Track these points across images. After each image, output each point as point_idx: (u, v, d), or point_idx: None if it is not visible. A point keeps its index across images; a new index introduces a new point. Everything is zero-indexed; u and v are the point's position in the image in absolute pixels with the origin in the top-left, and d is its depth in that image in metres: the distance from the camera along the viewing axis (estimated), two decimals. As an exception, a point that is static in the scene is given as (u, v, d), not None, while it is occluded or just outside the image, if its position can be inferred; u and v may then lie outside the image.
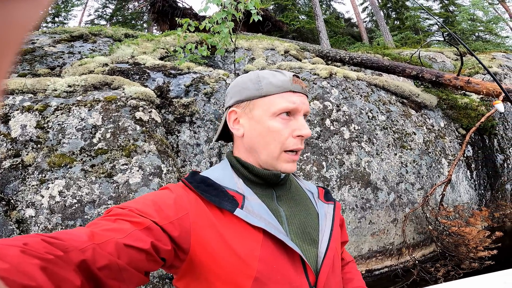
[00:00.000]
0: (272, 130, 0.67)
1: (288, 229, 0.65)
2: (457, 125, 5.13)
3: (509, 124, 6.05)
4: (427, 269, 3.10)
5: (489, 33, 16.79)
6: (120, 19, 17.72)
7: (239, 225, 0.60)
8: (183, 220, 0.57)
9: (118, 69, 3.49)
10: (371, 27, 20.10)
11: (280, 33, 11.87)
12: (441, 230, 3.59)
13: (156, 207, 0.57)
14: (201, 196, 0.63)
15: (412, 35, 16.08)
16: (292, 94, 0.68)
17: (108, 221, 0.52)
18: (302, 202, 0.75)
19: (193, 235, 0.57)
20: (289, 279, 0.58)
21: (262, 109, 0.69)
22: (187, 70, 3.53)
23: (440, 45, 12.50)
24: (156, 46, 4.55)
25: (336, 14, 20.40)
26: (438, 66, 7.34)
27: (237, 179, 0.69)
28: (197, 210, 0.60)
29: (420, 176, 3.99)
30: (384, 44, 11.79)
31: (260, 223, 0.59)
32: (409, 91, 4.20)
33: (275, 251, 0.59)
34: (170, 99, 3.14)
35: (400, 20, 18.67)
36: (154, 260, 0.52)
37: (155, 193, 0.63)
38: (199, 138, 3.02)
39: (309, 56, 5.31)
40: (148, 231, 0.52)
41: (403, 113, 4.18)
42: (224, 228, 0.59)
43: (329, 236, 0.69)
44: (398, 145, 3.93)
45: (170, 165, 2.57)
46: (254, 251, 0.57)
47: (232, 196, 0.63)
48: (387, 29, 14.21)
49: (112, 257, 0.45)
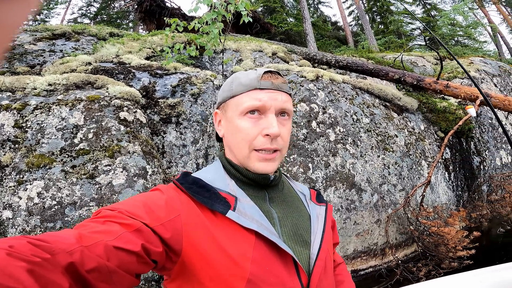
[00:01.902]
0: (240, 130, 0.67)
1: (280, 231, 0.64)
2: (436, 128, 5.25)
3: (485, 128, 6.25)
4: (409, 269, 3.13)
5: (468, 38, 17.26)
6: (105, 18, 17.25)
7: (231, 227, 0.59)
8: (174, 222, 0.56)
9: (102, 68, 3.37)
10: (357, 30, 20.42)
11: (268, 35, 11.87)
12: (421, 230, 3.64)
13: (146, 209, 0.55)
14: (193, 198, 0.61)
15: (395, 39, 16.35)
16: (259, 92, 0.67)
17: (97, 223, 0.50)
18: (294, 203, 0.74)
19: (185, 237, 0.56)
20: (282, 281, 0.57)
21: (232, 109, 0.69)
22: (174, 70, 3.45)
23: (421, 49, 12.82)
24: (142, 45, 4.43)
25: (323, 17, 20.60)
26: (419, 70, 7.51)
27: (229, 180, 0.68)
28: (189, 212, 0.59)
29: (401, 178, 4.05)
30: (368, 48, 11.96)
31: (252, 225, 0.58)
32: (391, 94, 4.26)
33: (267, 253, 0.58)
34: (156, 99, 3.05)
35: (384, 24, 19.01)
36: (145, 262, 0.51)
37: (146, 194, 0.62)
38: (185, 139, 2.94)
39: (296, 58, 5.32)
40: (139, 233, 0.50)
41: (386, 116, 4.24)
42: (216, 230, 0.58)
43: (321, 238, 0.68)
44: (381, 147, 3.97)
45: (156, 166, 2.49)
46: (246, 252, 0.56)
47: (224, 198, 0.62)
48: (371, 33, 14.45)
49: (101, 260, 0.44)
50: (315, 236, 0.68)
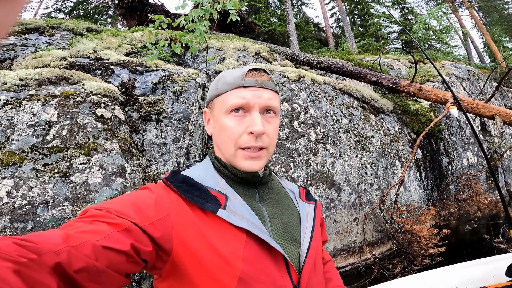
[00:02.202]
0: (225, 128, 0.66)
1: (270, 229, 0.64)
2: (409, 129, 5.42)
3: (453, 130, 6.53)
4: (386, 266, 3.19)
5: (440, 42, 17.90)
6: (81, 13, 16.48)
7: (222, 225, 0.58)
8: (164, 221, 0.55)
9: (78, 63, 3.20)
10: (338, 32, 20.74)
11: (252, 35, 11.82)
12: (396, 228, 3.74)
13: (135, 208, 0.54)
14: (183, 197, 0.60)
15: (374, 42, 16.74)
16: (242, 90, 0.66)
17: (84, 222, 0.49)
18: (284, 202, 0.74)
19: (175, 236, 0.55)
20: (273, 279, 0.57)
21: (218, 108, 0.69)
22: (155, 67, 3.34)
23: (397, 52, 13.23)
24: (122, 41, 4.26)
25: (306, 18, 20.76)
26: (395, 73, 7.75)
27: (220, 178, 0.68)
28: (179, 211, 0.58)
29: (377, 177, 4.15)
30: (348, 50, 12.16)
31: (242, 223, 0.58)
32: (369, 96, 4.35)
33: (258, 251, 0.58)
34: (135, 96, 2.94)
35: (364, 27, 19.45)
36: (134, 262, 0.50)
37: (134, 193, 0.61)
38: (166, 137, 2.85)
39: (279, 58, 5.33)
40: (128, 232, 0.49)
41: (364, 117, 4.32)
42: (207, 229, 0.57)
43: (311, 236, 0.68)
44: (359, 148, 4.05)
45: (135, 164, 2.39)
46: (237, 251, 0.56)
47: (215, 196, 0.62)
48: (352, 35, 14.72)
49: (90, 260, 0.43)
50: (304, 234, 0.68)
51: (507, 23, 23.61)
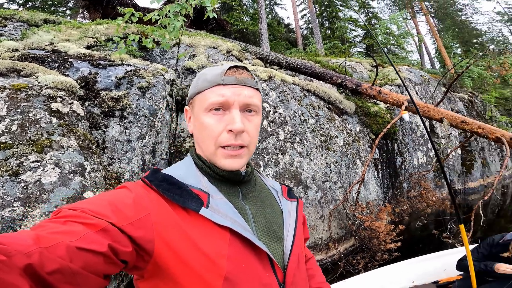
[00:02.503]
0: (205, 126, 0.65)
1: (254, 227, 0.63)
2: (368, 130, 5.67)
3: (406, 131, 6.96)
4: (350, 262, 3.29)
5: (398, 47, 18.92)
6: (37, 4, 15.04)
7: (205, 224, 0.57)
8: (144, 221, 0.53)
9: (32, 55, 2.90)
10: (306, 34, 21.15)
11: (223, 33, 11.59)
12: (358, 224, 3.87)
13: (113, 208, 0.52)
14: (164, 196, 0.59)
15: (340, 44, 17.25)
16: (222, 87, 0.65)
17: (57, 223, 0.47)
18: (267, 199, 0.73)
19: (156, 236, 0.53)
20: (259, 277, 0.57)
21: (198, 106, 0.68)
22: (119, 61, 3.12)
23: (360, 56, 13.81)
24: (84, 34, 3.96)
25: (277, 18, 20.88)
26: (357, 75, 8.08)
27: (202, 177, 0.66)
28: (160, 210, 0.56)
29: (341, 176, 4.27)
30: (316, 52, 12.42)
31: (226, 222, 0.57)
32: (334, 97, 4.48)
33: (242, 250, 0.57)
34: (97, 91, 2.72)
35: (331, 30, 19.94)
36: (113, 263, 0.48)
37: (111, 192, 0.58)
38: (130, 134, 2.67)
39: (250, 57, 5.29)
40: (104, 233, 0.48)
41: (329, 117, 4.44)
42: (190, 228, 0.56)
43: (294, 233, 0.68)
44: (324, 147, 4.14)
45: (95, 162, 2.20)
46: (222, 250, 0.55)
47: (197, 194, 0.60)
48: (320, 37, 15.06)
49: (63, 261, 0.42)
50: (287, 232, 0.68)
51: (459, 30, 25.71)
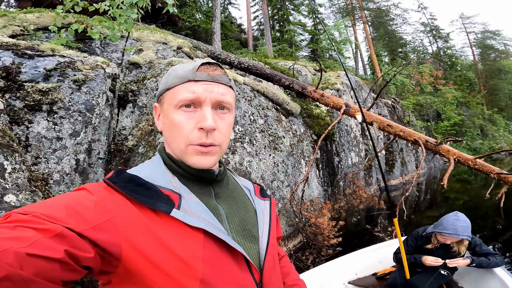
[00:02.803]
0: (175, 124, 0.62)
1: (228, 227, 0.62)
2: (311, 131, 5.90)
3: (342, 133, 7.44)
4: (300, 258, 3.34)
5: (338, 53, 20.26)
6: None
7: (177, 226, 0.54)
8: (108, 225, 0.50)
9: None
10: (257, 35, 21.24)
11: (174, 28, 10.99)
12: (304, 222, 3.98)
13: (70, 211, 0.48)
14: (130, 198, 0.54)
15: (288, 47, 17.77)
16: (193, 84, 0.62)
17: (5, 228, 0.43)
18: (240, 199, 0.71)
19: (123, 241, 0.50)
20: (236, 278, 0.56)
21: (167, 103, 0.64)
22: (50, 52, 2.68)
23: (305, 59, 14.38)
24: (9, 22, 3.39)
25: (230, 18, 20.57)
26: (302, 78, 8.36)
27: (172, 176, 0.62)
28: (126, 213, 0.52)
29: (287, 175, 4.34)
30: (265, 53, 12.55)
31: (199, 223, 0.55)
32: (282, 99, 4.53)
33: (218, 251, 0.55)
34: (20, 82, 2.28)
35: (281, 33, 20.38)
36: (72, 269, 0.45)
37: (69, 195, 0.53)
38: (61, 130, 2.29)
39: (201, 55, 5.07)
40: (60, 238, 0.44)
41: (277, 118, 4.47)
42: (161, 231, 0.53)
43: (268, 232, 0.67)
44: (272, 147, 4.16)
45: (17, 162, 1.81)
46: (196, 252, 0.53)
47: (167, 195, 0.57)
48: (270, 39, 15.22)
49: (12, 269, 0.38)
50: (262, 231, 0.67)
51: (388, 39, 28.48)
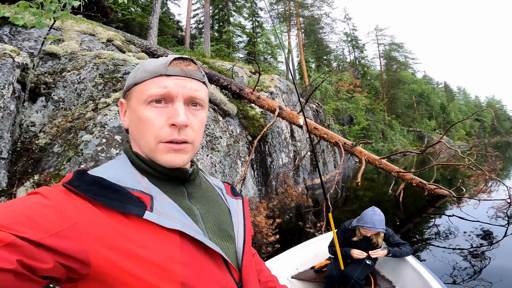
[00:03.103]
0: (143, 120, 0.58)
1: (204, 228, 0.60)
2: (246, 132, 5.91)
3: (274, 134, 7.67)
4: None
5: (272, 56, 20.81)
6: None
7: (150, 229, 0.51)
8: (70, 232, 0.45)
9: None
10: (195, 33, 20.38)
11: (105, 20, 9.83)
12: (242, 221, 3.91)
13: (23, 219, 0.43)
14: (95, 202, 0.49)
15: (225, 48, 17.54)
16: (165, 78, 0.58)
17: None
18: (213, 198, 0.69)
19: (90, 248, 0.46)
20: (216, 279, 0.54)
21: (135, 98, 0.60)
22: None
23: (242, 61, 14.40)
24: None
25: (169, 14, 19.27)
26: (239, 80, 8.32)
27: (141, 177, 0.58)
28: (91, 219, 0.48)
29: (225, 175, 4.24)
30: (203, 52, 12.14)
31: (174, 224, 0.52)
32: (220, 99, 4.40)
33: (195, 253, 0.53)
34: None
35: (220, 33, 19.95)
36: (29, 280, 0.42)
37: (20, 200, 0.47)
38: None
39: (134, 50, 4.60)
40: (12, 248, 0.40)
41: (214, 118, 4.32)
42: (133, 235, 0.49)
43: (244, 231, 0.66)
44: (209, 147, 4.01)
45: None
46: (173, 255, 0.50)
47: (138, 197, 0.53)
48: (209, 38, 14.75)
49: None
50: (237, 230, 0.66)
51: (317, 46, 30.47)
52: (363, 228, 2.43)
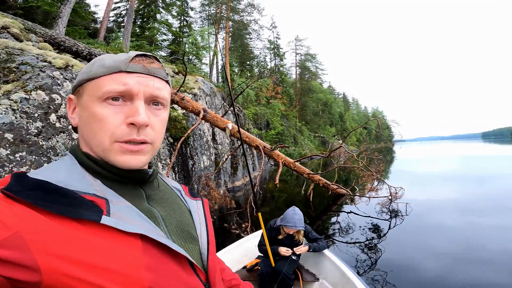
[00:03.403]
0: (97, 118, 0.54)
1: (167, 230, 0.58)
2: (168, 134, 5.67)
3: (196, 137, 7.54)
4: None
5: (197, 58, 20.05)
6: None
7: (109, 235, 0.47)
8: (12, 242, 0.41)
9: None
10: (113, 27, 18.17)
11: None
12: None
13: None
14: (40, 208, 0.45)
15: (146, 45, 16.16)
16: (125, 75, 0.55)
17: None
18: (173, 200, 0.67)
19: (39, 257, 0.42)
20: (184, 282, 0.53)
21: (88, 94, 0.56)
22: None
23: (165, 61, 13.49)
24: None
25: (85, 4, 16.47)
26: None
27: (93, 179, 0.54)
28: (35, 227, 0.44)
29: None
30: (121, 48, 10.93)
31: (135, 228, 0.49)
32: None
33: (160, 256, 0.51)
34: None
35: (143, 29, 18.22)
36: None
37: None
38: None
39: (35, 39, 3.87)
40: None
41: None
42: (89, 243, 0.45)
43: (207, 232, 0.66)
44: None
45: None
46: (136, 260, 0.47)
47: (92, 201, 0.49)
48: (130, 34, 13.34)
49: None
50: (200, 231, 0.65)
51: (242, 51, 30.57)
52: (286, 227, 2.63)
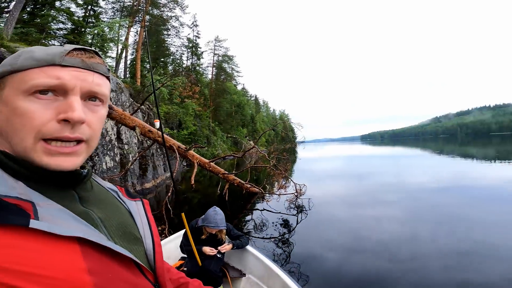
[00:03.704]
0: (20, 112, 0.48)
1: (107, 232, 0.54)
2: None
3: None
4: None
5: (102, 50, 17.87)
6: None
7: (41, 240, 0.41)
8: None
9: None
10: None
11: None
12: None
13: None
14: None
15: (37, 33, 13.72)
16: (59, 69, 0.49)
17: None
18: (110, 201, 0.63)
19: None
20: (132, 283, 0.49)
21: (11, 87, 0.50)
22: None
23: None
24: None
25: None
26: None
27: (14, 181, 0.47)
28: None
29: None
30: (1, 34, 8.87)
31: (71, 231, 0.45)
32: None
33: (102, 259, 0.47)
34: None
35: (33, 15, 15.17)
36: None
37: None
38: None
39: None
40: None
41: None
42: (17, 250, 0.39)
43: (151, 232, 0.63)
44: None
45: None
46: (75, 264, 0.43)
47: (15, 205, 0.42)
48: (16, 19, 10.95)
49: None
50: (143, 232, 0.62)
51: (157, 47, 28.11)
52: (208, 227, 2.63)
